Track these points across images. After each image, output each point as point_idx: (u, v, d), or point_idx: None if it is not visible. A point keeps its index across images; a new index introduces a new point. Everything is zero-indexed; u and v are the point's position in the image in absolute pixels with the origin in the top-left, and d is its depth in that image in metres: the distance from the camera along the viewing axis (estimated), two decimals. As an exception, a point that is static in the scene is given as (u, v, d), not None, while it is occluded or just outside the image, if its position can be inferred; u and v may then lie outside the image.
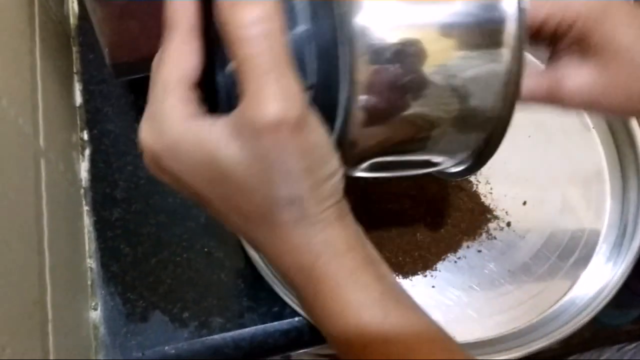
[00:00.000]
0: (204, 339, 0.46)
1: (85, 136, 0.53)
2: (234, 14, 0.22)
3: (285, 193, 0.25)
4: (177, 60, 0.25)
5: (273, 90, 0.23)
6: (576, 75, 0.33)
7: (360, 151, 0.27)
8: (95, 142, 0.53)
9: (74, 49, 0.57)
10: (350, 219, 0.28)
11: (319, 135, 0.25)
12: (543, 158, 0.52)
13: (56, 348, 0.38)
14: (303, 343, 0.47)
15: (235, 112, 0.24)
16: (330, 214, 0.26)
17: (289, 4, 0.25)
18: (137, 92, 0.55)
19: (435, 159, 0.30)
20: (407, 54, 0.24)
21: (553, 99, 0.34)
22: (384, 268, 0.28)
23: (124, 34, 0.47)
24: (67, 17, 0.58)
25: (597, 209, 0.50)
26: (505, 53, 0.26)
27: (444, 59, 0.25)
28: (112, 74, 0.50)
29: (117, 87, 0.55)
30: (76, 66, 0.56)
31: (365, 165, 0.29)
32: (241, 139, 0.24)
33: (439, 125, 0.27)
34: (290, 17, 0.25)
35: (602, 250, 0.48)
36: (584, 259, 0.48)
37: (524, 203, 0.50)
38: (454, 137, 0.28)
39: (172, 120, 0.25)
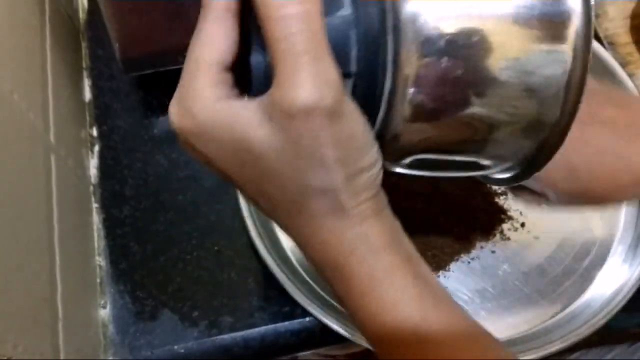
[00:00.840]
0: (213, 338, 0.45)
1: (95, 132, 0.53)
2: None
3: (318, 183, 0.24)
4: (211, 41, 0.24)
5: (307, 74, 0.22)
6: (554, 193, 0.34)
7: (403, 146, 0.26)
8: (104, 138, 0.52)
9: (83, 44, 0.57)
10: (387, 213, 0.27)
11: (355, 126, 0.24)
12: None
13: (66, 346, 0.38)
14: (314, 343, 0.46)
15: (268, 94, 0.23)
16: (366, 208, 0.25)
17: None
18: (147, 88, 0.54)
19: (484, 161, 0.28)
20: (466, 46, 0.23)
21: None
22: (424, 267, 0.27)
23: (134, 30, 0.47)
24: (76, 12, 0.58)
25: (613, 210, 0.49)
26: (569, 52, 0.24)
27: (506, 54, 0.23)
28: (121, 70, 0.50)
29: (126, 83, 0.55)
30: (85, 61, 0.56)
31: (407, 161, 0.27)
32: (273, 122, 0.23)
33: (494, 128, 0.25)
34: None
35: (617, 252, 0.48)
36: (599, 261, 0.47)
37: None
38: (509, 141, 0.26)
39: (203, 101, 0.24)
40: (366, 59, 0.24)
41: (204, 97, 0.24)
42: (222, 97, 0.24)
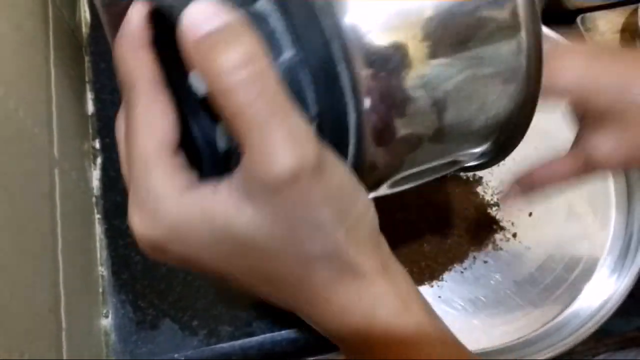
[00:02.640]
0: (212, 347, 0.46)
1: (97, 145, 0.54)
2: (212, 61, 0.19)
3: (319, 249, 0.21)
4: (150, 125, 0.21)
5: (280, 138, 0.19)
6: (602, 145, 0.34)
7: (382, 172, 0.25)
8: (106, 150, 0.53)
9: (86, 58, 0.58)
10: (395, 265, 0.25)
11: (340, 173, 0.21)
12: (549, 170, 0.52)
13: (69, 355, 0.39)
14: (310, 351, 0.47)
15: (240, 172, 0.20)
16: (374, 261, 0.23)
17: (266, 30, 0.21)
18: (148, 101, 0.56)
19: (460, 157, 0.28)
20: (396, 59, 0.22)
21: (589, 170, 0.36)
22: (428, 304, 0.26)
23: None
24: (79, 26, 0.59)
25: (603, 221, 0.50)
26: (521, 47, 0.24)
27: (426, 67, 0.23)
28: (124, 84, 0.51)
29: (128, 96, 0.56)
30: (88, 75, 0.57)
31: (388, 183, 0.27)
32: (255, 201, 0.20)
33: (448, 132, 0.25)
34: (272, 44, 0.21)
35: (606, 262, 0.49)
36: (589, 270, 0.49)
37: (530, 214, 0.50)
38: (466, 140, 0.26)
39: (166, 200, 0.21)
40: (324, 96, 0.22)
41: (166, 195, 0.21)
42: (184, 187, 0.21)
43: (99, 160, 0.53)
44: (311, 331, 0.46)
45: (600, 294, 0.47)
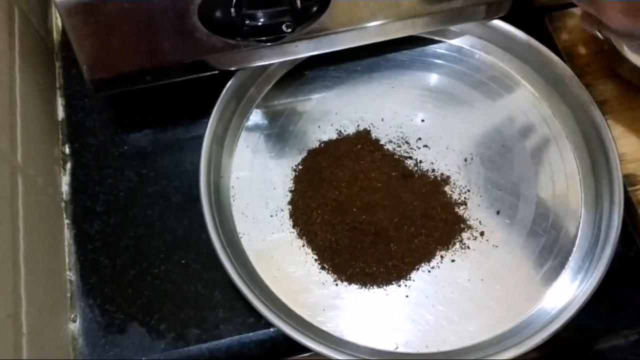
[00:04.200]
0: (180, 350, 0.46)
1: (67, 150, 0.54)
2: None
3: None
4: None
5: None
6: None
7: None
8: (76, 155, 0.54)
9: (57, 64, 0.58)
10: None
11: None
12: (517, 168, 0.52)
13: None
14: (278, 353, 0.47)
15: None
16: None
17: None
18: (118, 105, 0.56)
19: None
20: None
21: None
22: None
23: (100, 52, 0.48)
24: (50, 33, 0.59)
25: (571, 218, 0.50)
26: None
27: None
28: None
29: (98, 101, 0.56)
30: (59, 81, 0.57)
31: None
32: None
33: None
34: None
35: (574, 258, 0.49)
36: (557, 268, 0.49)
37: (498, 212, 0.50)
38: None
39: None
40: None
41: None
42: None
43: (68, 166, 0.53)
44: (279, 334, 0.47)
45: (569, 290, 0.47)
